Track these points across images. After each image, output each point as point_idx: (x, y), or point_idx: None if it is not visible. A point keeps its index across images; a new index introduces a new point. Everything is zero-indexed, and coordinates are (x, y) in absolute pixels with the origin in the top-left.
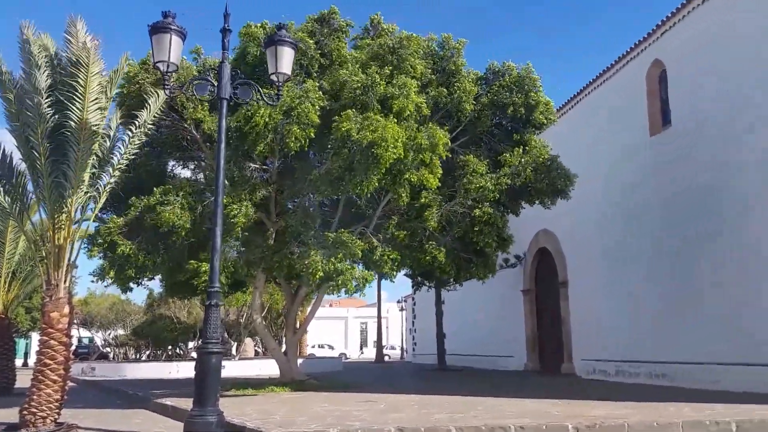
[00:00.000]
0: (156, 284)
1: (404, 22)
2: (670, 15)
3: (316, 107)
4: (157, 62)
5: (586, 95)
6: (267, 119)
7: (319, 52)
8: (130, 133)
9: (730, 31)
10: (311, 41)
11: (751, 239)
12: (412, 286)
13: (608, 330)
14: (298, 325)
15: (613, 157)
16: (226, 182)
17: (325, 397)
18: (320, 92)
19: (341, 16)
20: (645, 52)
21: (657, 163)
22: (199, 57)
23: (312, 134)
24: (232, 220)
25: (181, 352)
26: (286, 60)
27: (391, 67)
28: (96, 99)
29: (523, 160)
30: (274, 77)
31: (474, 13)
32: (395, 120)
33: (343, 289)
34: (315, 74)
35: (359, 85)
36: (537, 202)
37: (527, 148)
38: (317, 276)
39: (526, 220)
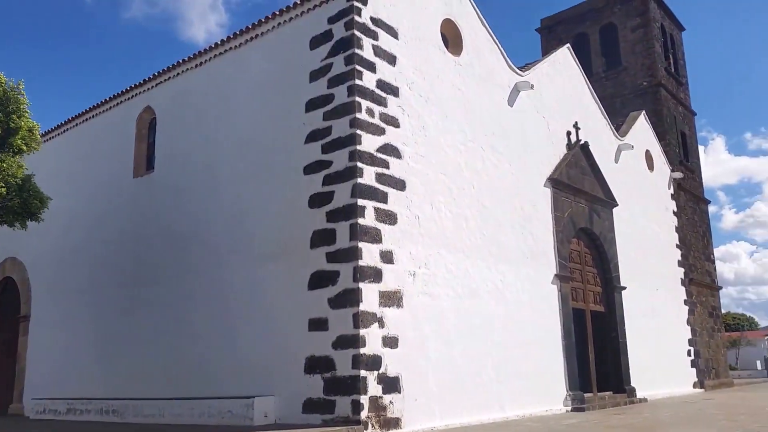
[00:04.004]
0: None
1: None
2: (164, 69)
3: None
4: None
5: (77, 125)
6: None
7: None
8: None
9: (214, 94)
10: None
11: (196, 288)
12: None
13: (64, 367)
14: None
15: (96, 191)
16: None
17: None
18: None
19: None
20: (139, 96)
21: (137, 204)
22: None
23: None
24: None
25: None
26: None
27: None
28: None
29: None
30: None
31: None
32: None
33: None
34: None
35: None
36: (6, 224)
37: (2, 166)
38: None
39: None
